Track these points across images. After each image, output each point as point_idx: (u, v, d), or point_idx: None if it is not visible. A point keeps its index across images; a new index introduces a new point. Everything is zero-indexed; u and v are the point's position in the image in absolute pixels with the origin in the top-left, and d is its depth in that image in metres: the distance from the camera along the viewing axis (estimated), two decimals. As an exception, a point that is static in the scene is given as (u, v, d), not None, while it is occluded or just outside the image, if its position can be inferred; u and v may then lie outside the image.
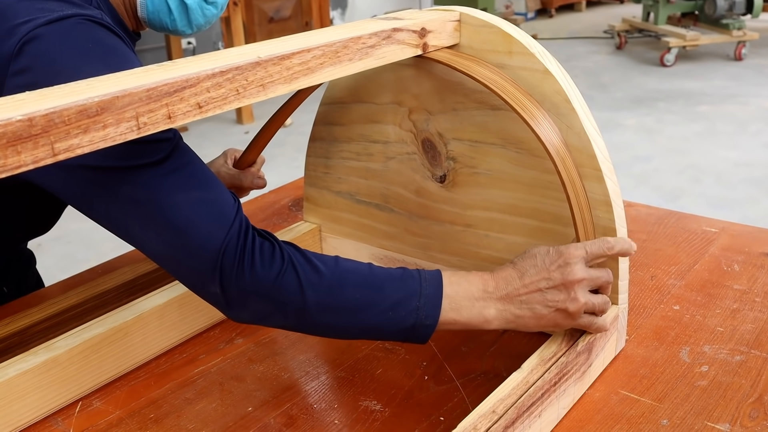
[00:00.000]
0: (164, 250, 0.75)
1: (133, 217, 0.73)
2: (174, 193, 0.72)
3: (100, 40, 0.75)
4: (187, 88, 0.57)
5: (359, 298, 0.75)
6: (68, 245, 2.81)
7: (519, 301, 0.78)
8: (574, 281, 0.77)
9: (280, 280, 0.73)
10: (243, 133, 4.58)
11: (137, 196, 0.72)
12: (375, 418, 0.81)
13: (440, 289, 0.77)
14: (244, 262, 0.73)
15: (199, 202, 0.73)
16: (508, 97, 0.79)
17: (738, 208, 3.10)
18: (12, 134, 0.47)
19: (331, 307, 0.75)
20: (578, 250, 0.78)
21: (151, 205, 0.72)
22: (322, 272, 0.75)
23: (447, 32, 0.83)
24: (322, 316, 0.75)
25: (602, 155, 0.81)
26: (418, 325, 0.76)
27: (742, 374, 0.84)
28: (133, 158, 0.71)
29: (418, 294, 0.76)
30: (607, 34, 6.87)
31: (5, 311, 1.03)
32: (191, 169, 0.75)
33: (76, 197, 0.76)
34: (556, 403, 0.76)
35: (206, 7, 0.95)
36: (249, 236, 0.75)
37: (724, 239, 1.17)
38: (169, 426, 0.82)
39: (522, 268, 0.79)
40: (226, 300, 0.75)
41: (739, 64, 5.58)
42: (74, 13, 0.74)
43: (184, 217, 0.72)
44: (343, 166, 1.07)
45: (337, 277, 0.75)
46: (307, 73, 0.66)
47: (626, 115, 4.44)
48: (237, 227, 0.74)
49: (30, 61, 0.71)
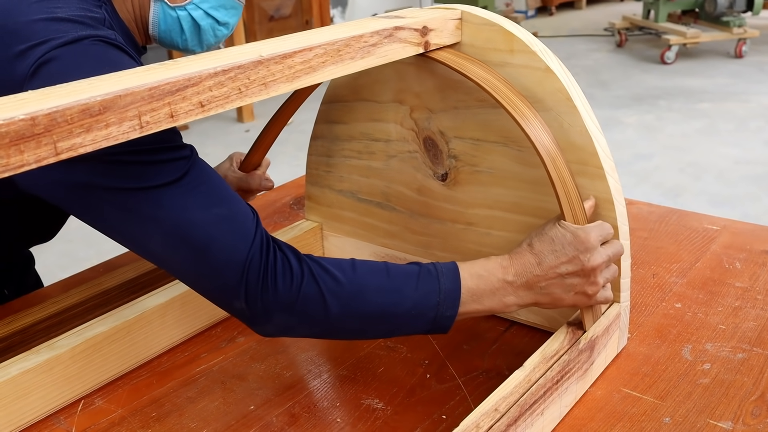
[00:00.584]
0: (188, 268, 0.75)
1: (154, 237, 0.73)
2: (195, 211, 0.73)
3: (115, 61, 0.75)
4: (190, 86, 0.57)
5: (380, 302, 0.76)
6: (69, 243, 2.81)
7: (539, 287, 0.79)
8: (595, 267, 0.78)
9: (302, 292, 0.74)
10: (243, 131, 4.58)
11: (158, 216, 0.72)
12: (377, 416, 0.81)
13: (458, 282, 0.77)
14: (268, 276, 0.74)
15: (221, 219, 0.74)
16: (500, 96, 0.79)
17: (739, 205, 3.10)
18: (15, 133, 0.47)
19: (353, 315, 0.76)
20: (594, 233, 0.79)
21: (173, 224, 0.72)
22: (341, 281, 0.75)
23: (448, 31, 0.83)
24: (346, 323, 0.76)
25: (604, 153, 0.81)
26: (439, 318, 0.77)
27: (745, 372, 0.84)
28: (152, 179, 0.71)
29: (437, 290, 0.77)
30: (608, 32, 6.86)
31: (7, 310, 1.03)
32: (210, 185, 0.75)
33: (95, 219, 0.76)
34: (559, 401, 0.76)
35: (218, 28, 0.95)
36: (271, 250, 0.75)
37: (726, 237, 1.17)
38: (171, 424, 0.82)
39: (540, 253, 0.79)
40: (252, 314, 0.75)
41: (739, 61, 5.57)
42: (89, 35, 0.74)
43: (206, 236, 0.73)
44: (344, 165, 1.07)
45: (356, 284, 0.76)
46: (309, 71, 0.66)
47: (627, 113, 4.43)
48: (259, 242, 0.75)
49: (44, 82, 0.70)
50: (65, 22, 0.75)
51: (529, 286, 0.79)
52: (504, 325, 0.96)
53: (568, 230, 0.78)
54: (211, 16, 0.94)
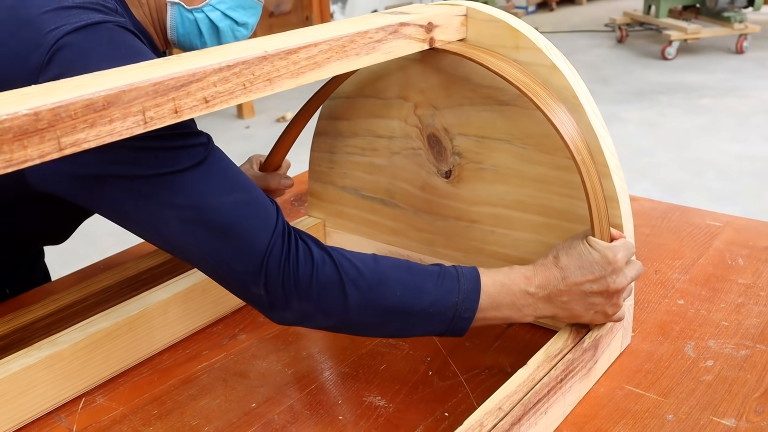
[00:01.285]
0: (206, 254, 0.74)
1: (173, 223, 0.72)
2: (215, 196, 0.72)
3: (132, 45, 0.74)
4: (194, 82, 0.56)
5: (400, 296, 0.75)
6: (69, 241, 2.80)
7: (560, 302, 0.78)
8: (620, 289, 0.78)
9: (322, 279, 0.74)
10: (244, 127, 4.58)
11: (176, 202, 0.71)
12: (379, 413, 0.81)
13: (478, 285, 0.77)
14: (290, 262, 0.73)
15: (242, 204, 0.73)
16: (527, 89, 0.78)
17: (741, 201, 3.10)
18: (18, 128, 0.46)
19: (372, 306, 0.75)
20: (621, 254, 0.78)
21: (193, 209, 0.71)
22: (363, 272, 0.75)
23: (454, 27, 0.82)
24: (364, 315, 0.76)
25: (609, 151, 0.80)
26: (457, 319, 0.77)
27: (748, 369, 0.84)
28: (170, 164, 0.70)
29: (456, 290, 0.76)
30: (608, 28, 6.85)
31: (8, 307, 1.03)
32: (229, 172, 0.74)
33: (110, 209, 0.75)
34: (562, 400, 0.76)
35: (237, 29, 0.94)
36: (292, 238, 0.75)
37: (728, 233, 1.16)
38: (172, 422, 0.81)
39: (566, 268, 0.78)
40: (270, 302, 0.75)
41: (740, 57, 5.57)
42: (102, 20, 0.73)
43: (229, 220, 0.72)
44: (347, 161, 1.07)
45: (377, 276, 0.75)
46: (314, 67, 0.65)
47: (628, 109, 4.43)
48: (281, 229, 0.74)
49: (61, 69, 0.70)
50: (77, 9, 0.73)
51: (549, 300, 0.78)
52: (507, 322, 0.96)
53: (597, 249, 0.77)
54: (229, 17, 0.92)
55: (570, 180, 0.84)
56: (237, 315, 1.01)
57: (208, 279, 0.85)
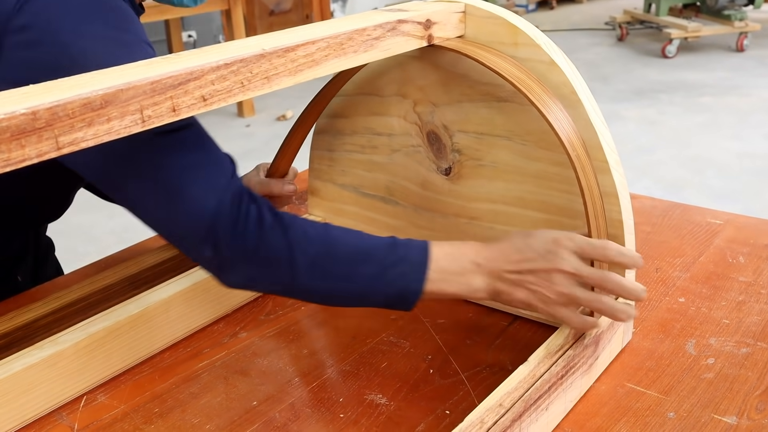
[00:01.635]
0: (159, 213, 0.74)
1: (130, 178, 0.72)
2: (170, 155, 0.72)
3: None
4: (192, 80, 0.56)
5: (348, 261, 0.75)
6: (69, 239, 2.82)
7: (504, 277, 0.78)
8: (554, 269, 0.76)
9: (270, 243, 0.73)
10: (244, 126, 4.58)
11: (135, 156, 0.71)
12: (380, 411, 0.81)
13: (426, 256, 0.76)
14: (238, 224, 0.73)
15: (195, 166, 0.73)
16: (521, 85, 0.78)
17: (741, 199, 3.10)
18: (16, 128, 0.46)
19: (319, 270, 0.75)
20: (572, 242, 0.77)
21: (148, 164, 0.71)
22: (311, 238, 0.75)
23: (452, 24, 0.82)
24: (311, 279, 0.75)
25: (609, 147, 0.80)
26: (404, 292, 0.76)
27: (749, 366, 0.84)
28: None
29: (406, 260, 0.76)
30: (609, 26, 6.85)
31: (8, 305, 1.03)
32: (190, 131, 0.74)
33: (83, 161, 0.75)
34: (563, 396, 0.76)
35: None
36: (244, 200, 0.74)
37: (729, 231, 1.16)
38: (173, 420, 0.82)
39: (516, 245, 0.78)
40: (219, 264, 0.75)
41: (741, 55, 5.56)
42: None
43: (179, 180, 0.72)
44: (347, 159, 1.07)
45: (326, 240, 0.75)
46: (312, 65, 0.65)
47: (628, 107, 4.43)
48: (231, 191, 0.74)
49: (30, 18, 0.70)
50: None
51: (496, 273, 0.77)
52: (507, 319, 0.96)
53: (558, 233, 0.77)
54: None
55: (569, 176, 0.84)
56: (238, 313, 1.01)
57: (209, 278, 0.85)
